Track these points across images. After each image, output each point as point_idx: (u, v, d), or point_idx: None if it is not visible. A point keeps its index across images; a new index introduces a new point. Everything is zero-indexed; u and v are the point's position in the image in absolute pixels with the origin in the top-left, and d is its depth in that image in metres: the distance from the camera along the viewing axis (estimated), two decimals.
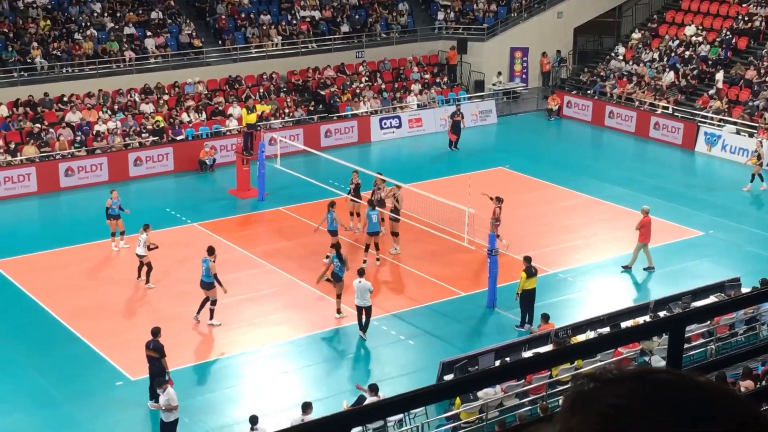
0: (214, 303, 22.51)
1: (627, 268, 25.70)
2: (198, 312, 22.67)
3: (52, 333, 22.36)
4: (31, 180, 31.80)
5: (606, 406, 1.72)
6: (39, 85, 35.20)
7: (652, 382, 1.74)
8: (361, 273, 21.89)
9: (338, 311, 22.78)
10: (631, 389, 1.74)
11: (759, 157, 32.47)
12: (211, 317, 22.61)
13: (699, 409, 1.71)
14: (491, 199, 25.78)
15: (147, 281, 24.65)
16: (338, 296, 22.68)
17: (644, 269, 25.69)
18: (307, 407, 17.17)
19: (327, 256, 23.99)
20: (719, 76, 38.81)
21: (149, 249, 24.23)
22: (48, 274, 25.59)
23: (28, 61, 35.72)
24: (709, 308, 4.29)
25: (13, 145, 32.29)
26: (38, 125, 33.53)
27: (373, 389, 17.74)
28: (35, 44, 36.11)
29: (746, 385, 15.80)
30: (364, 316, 21.87)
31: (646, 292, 24.30)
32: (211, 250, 22.61)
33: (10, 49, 35.72)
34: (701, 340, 20.75)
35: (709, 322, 20.15)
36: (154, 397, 19.13)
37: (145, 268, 24.68)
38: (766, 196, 32.04)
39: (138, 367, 19.94)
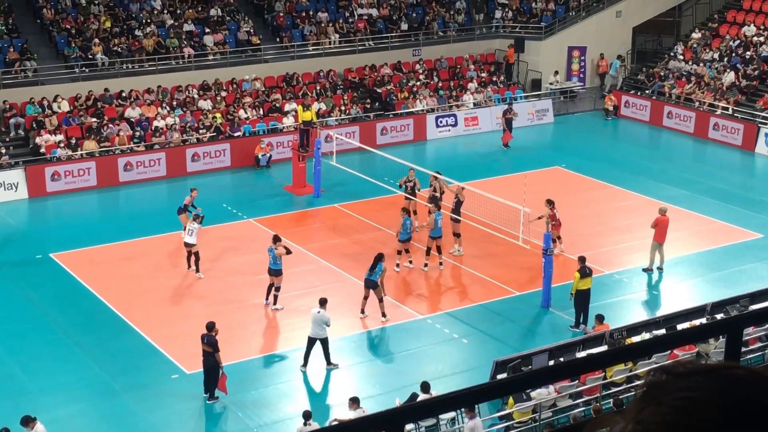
0: (278, 290, 23.21)
1: (648, 270, 25.40)
2: (267, 298, 23.41)
3: (110, 325, 22.70)
4: (90, 174, 32.29)
5: (677, 398, 1.73)
6: (99, 81, 35.71)
7: (726, 377, 1.75)
8: (322, 303, 20.40)
9: (383, 315, 22.76)
10: (704, 383, 1.75)
11: None
12: (275, 302, 23.29)
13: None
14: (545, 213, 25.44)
15: (197, 270, 25.04)
16: (380, 300, 22.63)
17: (657, 268, 25.37)
18: (353, 402, 17.22)
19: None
20: None
21: (287, 252, 23.77)
22: (106, 266, 25.97)
23: (90, 57, 36.25)
24: None
25: (74, 140, 32.80)
26: (98, 120, 34.04)
27: (425, 387, 17.75)
28: (96, 40, 36.63)
29: None
30: (321, 348, 20.48)
31: (703, 295, 24.00)
32: (276, 238, 23.38)
33: (72, 45, 36.27)
34: (759, 344, 20.46)
35: (767, 325, 19.86)
36: (208, 390, 19.35)
37: (193, 258, 25.07)
38: None
39: (193, 360, 20.17)
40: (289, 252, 23.31)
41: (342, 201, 30.77)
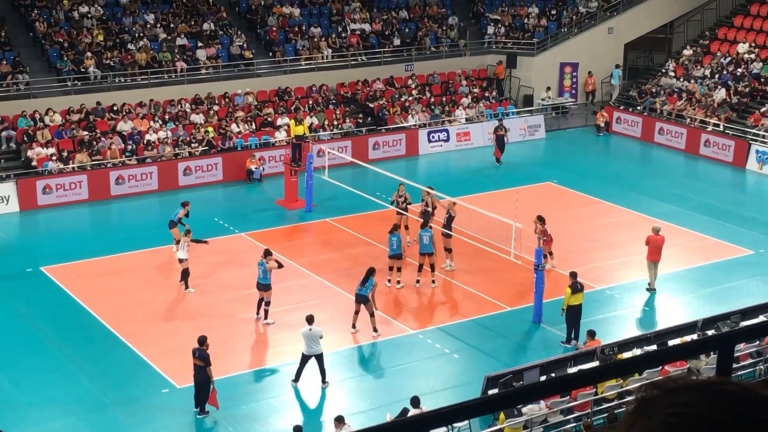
0: (268, 304, 23.17)
1: (650, 289, 25.39)
2: (258, 312, 23.36)
3: (100, 339, 22.63)
4: (82, 187, 32.24)
5: (669, 414, 1.75)
6: (92, 95, 35.71)
7: (717, 392, 1.77)
8: (310, 320, 20.22)
9: (374, 329, 22.73)
10: (694, 398, 1.76)
11: None
12: (266, 317, 23.25)
13: (758, 418, 1.72)
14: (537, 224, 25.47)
15: (186, 286, 24.99)
16: (371, 315, 22.60)
17: (646, 287, 25.33)
18: (339, 421, 17.15)
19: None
20: None
21: (195, 242, 25.07)
22: (97, 280, 25.91)
23: (82, 70, 36.25)
24: (759, 327, 4.25)
25: (65, 153, 32.76)
26: (90, 134, 34.02)
27: (415, 402, 17.72)
28: (89, 54, 36.64)
29: None
30: (316, 364, 20.33)
31: (695, 311, 24.03)
32: (267, 253, 23.33)
33: (64, 58, 36.27)
34: (750, 360, 20.47)
35: (758, 341, 19.89)
36: (199, 405, 19.29)
37: (183, 273, 25.07)
38: None
39: (183, 375, 20.11)
40: (280, 266, 23.28)
41: (334, 215, 30.77)
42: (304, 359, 20.31)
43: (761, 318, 21.37)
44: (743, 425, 1.71)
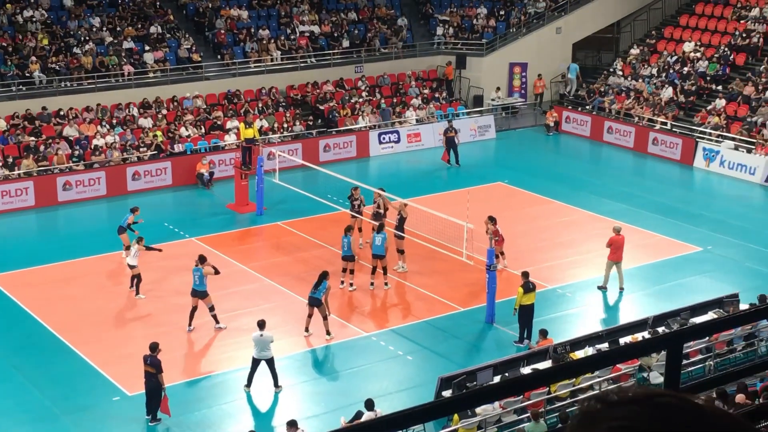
0: (212, 309, 22.76)
1: (602, 288, 25.57)
2: (190, 324, 22.86)
3: (49, 347, 22.31)
4: (28, 194, 31.78)
5: (611, 428, 1.76)
6: (37, 99, 35.25)
7: (655, 405, 1.79)
8: (261, 325, 20.07)
9: (327, 333, 22.64)
10: (634, 411, 1.79)
11: None
12: (217, 322, 22.85)
13: (698, 430, 1.73)
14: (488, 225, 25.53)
15: (137, 292, 24.72)
16: (325, 318, 22.51)
17: (619, 289, 25.46)
18: (291, 425, 17.04)
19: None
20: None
21: (148, 249, 24.74)
22: (45, 288, 25.55)
23: (27, 75, 35.76)
24: (708, 325, 4.27)
25: (10, 159, 32.29)
26: (36, 139, 33.56)
27: (369, 405, 17.68)
28: (33, 58, 36.15)
29: (740, 399, 15.80)
30: (267, 369, 20.24)
31: (645, 308, 24.24)
32: (202, 259, 22.91)
33: (8, 63, 35.76)
34: (699, 356, 20.70)
35: (707, 338, 20.10)
36: (151, 412, 19.08)
37: (135, 279, 24.77)
38: (764, 212, 32.05)
39: (135, 382, 19.89)
40: (217, 272, 22.93)
41: (285, 219, 30.64)
42: (255, 363, 20.18)
43: (710, 314, 21.62)
44: None
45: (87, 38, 37.95)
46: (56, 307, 24.29)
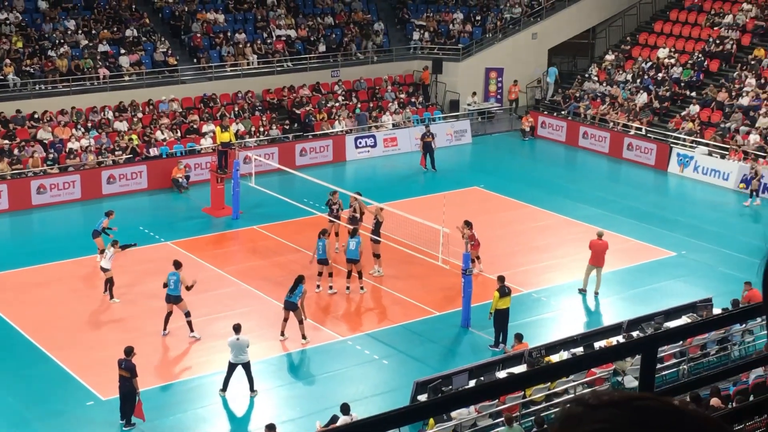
0: (188, 315, 22.57)
1: (582, 291, 25.72)
2: (165, 328, 22.74)
3: (22, 352, 22.15)
4: (2, 197, 31.55)
5: (591, 430, 1.79)
6: (11, 102, 35.02)
7: (635, 408, 1.82)
8: (237, 329, 19.98)
9: (303, 337, 22.61)
10: (615, 414, 1.81)
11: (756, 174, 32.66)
12: (192, 330, 22.66)
13: None
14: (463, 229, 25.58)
15: (111, 297, 24.60)
16: (300, 322, 22.47)
17: (594, 293, 25.59)
18: (270, 429, 17.01)
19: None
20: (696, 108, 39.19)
21: (124, 248, 24.52)
22: (18, 292, 25.37)
23: (1, 78, 35.52)
24: (681, 329, 4.31)
25: None
26: (10, 142, 33.34)
27: (345, 409, 17.67)
28: (8, 61, 35.92)
29: (714, 403, 15.92)
30: (243, 373, 20.18)
31: (619, 312, 24.37)
32: (177, 264, 22.73)
33: None
34: (673, 360, 20.82)
35: (681, 342, 20.22)
36: (125, 417, 18.99)
37: (109, 284, 24.63)
38: (737, 217, 32.29)
39: (108, 387, 19.77)
40: (189, 288, 22.62)
41: (261, 223, 30.58)
42: (231, 368, 20.12)
43: (684, 318, 21.75)
44: None
45: (62, 41, 37.75)
46: (30, 312, 24.13)
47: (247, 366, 20.12)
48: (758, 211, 32.76)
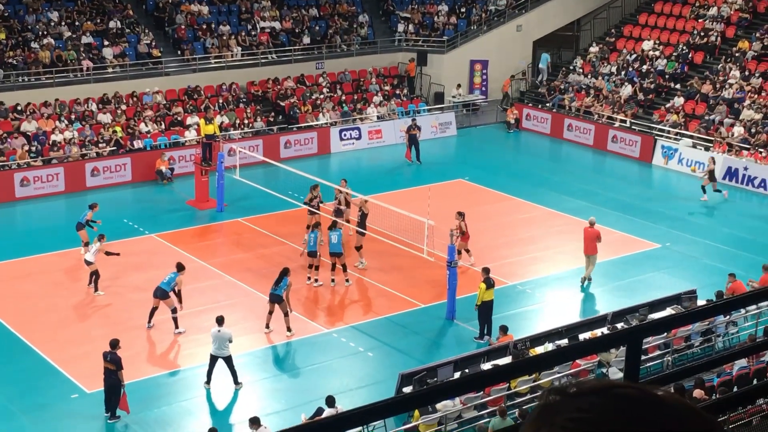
0: (175, 311, 22.48)
1: (587, 280, 25.79)
2: (150, 321, 22.66)
3: (6, 345, 22.05)
4: None
5: (569, 419, 1.76)
6: None
7: (614, 396, 1.80)
8: (220, 321, 19.99)
9: (288, 329, 22.59)
10: (594, 403, 1.79)
11: (711, 173, 32.54)
12: (177, 326, 22.58)
13: (658, 421, 1.76)
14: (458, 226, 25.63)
15: (95, 289, 24.51)
16: (286, 315, 22.43)
17: (581, 279, 25.70)
18: (254, 422, 16.98)
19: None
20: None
21: (107, 255, 24.20)
22: (2, 285, 25.25)
23: None
24: (666, 321, 4.32)
25: None
26: None
27: (330, 402, 17.67)
28: None
29: (697, 394, 15.98)
30: (226, 367, 20.11)
31: (604, 304, 24.44)
32: (180, 267, 22.69)
33: None
34: (658, 352, 20.90)
35: (665, 334, 20.30)
36: (110, 410, 18.94)
37: (93, 276, 24.53)
38: (721, 209, 32.39)
39: (93, 380, 19.71)
40: (178, 292, 22.49)
41: (246, 215, 30.52)
42: (213, 360, 20.09)
43: (668, 310, 21.83)
44: (640, 426, 1.75)
45: (45, 33, 37.55)
46: (14, 304, 24.02)
47: (228, 360, 20.08)
48: (742, 203, 32.89)
